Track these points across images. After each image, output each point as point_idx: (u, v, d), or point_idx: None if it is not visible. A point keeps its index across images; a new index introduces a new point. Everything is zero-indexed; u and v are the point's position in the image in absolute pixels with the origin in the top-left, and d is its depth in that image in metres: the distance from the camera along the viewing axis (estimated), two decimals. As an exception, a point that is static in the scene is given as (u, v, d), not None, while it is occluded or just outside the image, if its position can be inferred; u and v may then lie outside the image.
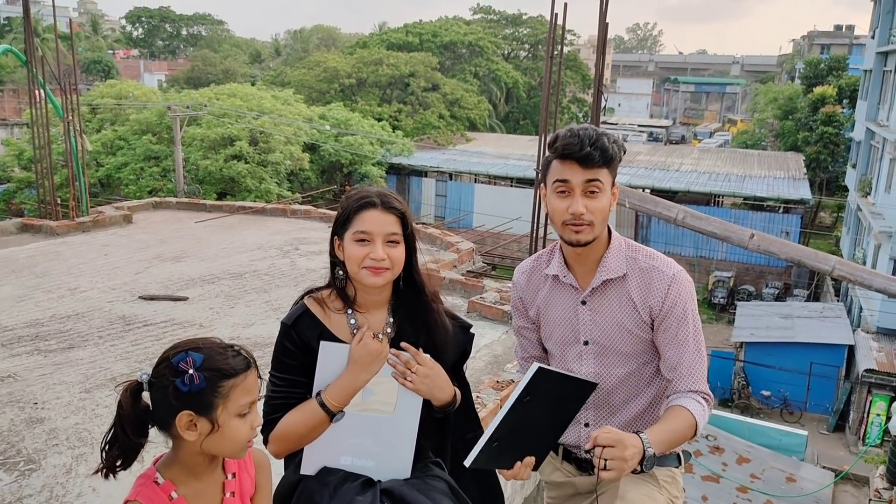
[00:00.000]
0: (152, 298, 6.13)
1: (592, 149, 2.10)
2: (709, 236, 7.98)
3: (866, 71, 25.93)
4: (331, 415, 1.99)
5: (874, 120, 23.11)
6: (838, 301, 21.68)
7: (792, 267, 23.76)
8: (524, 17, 48.77)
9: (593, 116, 8.10)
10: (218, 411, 1.63)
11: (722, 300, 24.32)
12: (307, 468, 2.04)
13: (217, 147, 22.94)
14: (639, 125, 53.93)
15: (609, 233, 2.29)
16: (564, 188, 2.15)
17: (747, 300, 23.37)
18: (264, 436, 2.01)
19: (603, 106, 8.08)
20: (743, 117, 61.19)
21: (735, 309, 21.83)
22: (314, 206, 11.23)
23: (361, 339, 2.01)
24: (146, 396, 1.65)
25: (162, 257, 7.52)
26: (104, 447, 1.67)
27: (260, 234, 8.78)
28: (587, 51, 53.64)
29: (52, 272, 6.86)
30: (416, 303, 2.12)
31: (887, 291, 7.29)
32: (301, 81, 35.97)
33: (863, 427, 15.52)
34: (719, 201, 27.23)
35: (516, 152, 30.71)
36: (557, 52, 8.68)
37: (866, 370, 15.52)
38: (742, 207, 26.40)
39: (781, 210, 26.06)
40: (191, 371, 1.60)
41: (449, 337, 2.13)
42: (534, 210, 8.22)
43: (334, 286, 2.10)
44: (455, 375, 2.16)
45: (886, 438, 13.21)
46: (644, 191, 16.07)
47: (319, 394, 2.00)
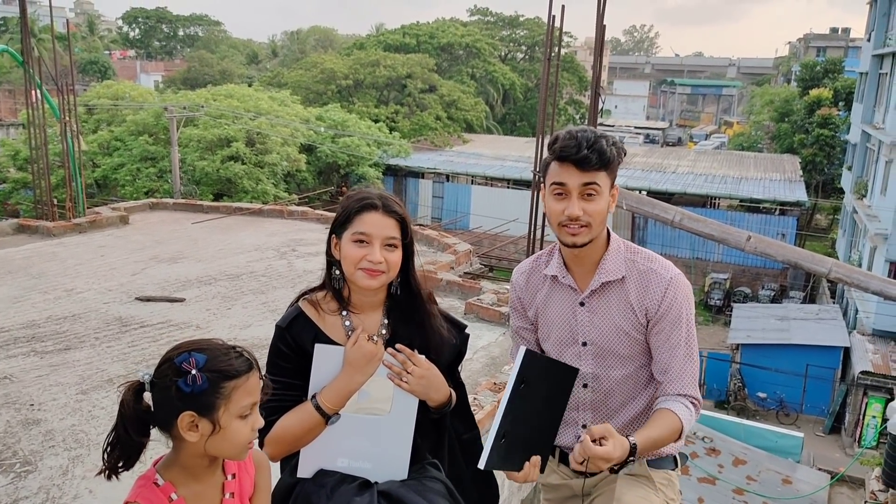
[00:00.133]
0: (149, 300, 6.12)
1: (589, 152, 2.09)
2: (706, 238, 7.99)
3: (862, 73, 25.97)
4: (326, 417, 1.99)
5: (870, 122, 23.15)
6: (834, 303, 21.73)
7: (788, 269, 23.81)
8: (521, 19, 48.80)
9: (590, 118, 8.11)
10: (219, 412, 1.63)
11: (718, 302, 24.39)
12: (304, 471, 2.03)
13: (214, 148, 22.93)
14: (635, 127, 54.04)
15: (608, 234, 2.29)
16: (561, 191, 2.15)
17: (743, 302, 23.42)
18: (260, 439, 2.01)
19: (600, 108, 8.10)
20: (739, 119, 61.38)
21: (731, 311, 21.90)
22: (311, 208, 11.21)
23: (356, 341, 2.01)
24: (147, 397, 1.65)
25: (158, 258, 7.50)
26: (106, 448, 1.67)
27: (257, 236, 8.77)
28: (584, 53, 53.74)
29: (49, 273, 6.84)
30: (411, 305, 2.12)
31: (883, 293, 7.31)
32: (298, 82, 35.95)
33: (859, 429, 15.54)
34: (715, 203, 27.27)
35: (513, 154, 30.74)
36: (555, 54, 8.69)
37: (862, 372, 15.55)
38: (738, 209, 26.47)
39: (777, 212, 26.13)
40: (193, 371, 1.59)
41: (444, 338, 2.13)
42: (531, 212, 8.23)
43: (330, 286, 2.09)
44: (450, 376, 2.16)
45: (882, 440, 13.21)
46: (641, 192, 16.06)
47: (315, 396, 2.00)
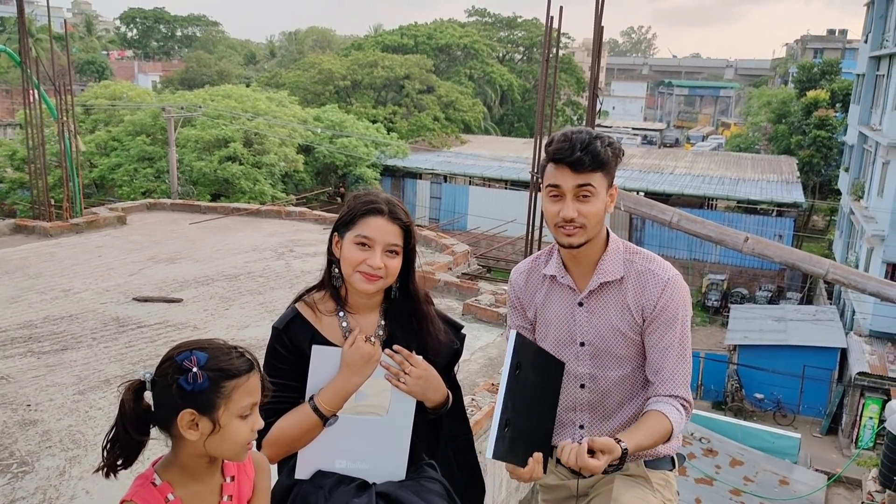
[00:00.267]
0: (146, 300, 6.11)
1: (583, 153, 2.10)
2: (704, 239, 7.99)
3: (859, 75, 26.00)
4: (324, 419, 1.98)
5: (867, 124, 23.20)
6: (831, 304, 21.76)
7: (785, 270, 23.85)
8: (519, 20, 48.81)
9: (588, 119, 8.12)
10: (220, 411, 1.62)
11: (715, 303, 24.44)
12: (301, 472, 2.03)
13: (211, 148, 22.92)
14: (633, 128, 54.16)
15: (608, 235, 2.29)
16: (556, 192, 2.16)
17: (741, 303, 23.47)
18: (258, 441, 2.00)
19: (598, 109, 8.11)
20: (736, 121, 61.46)
21: (728, 312, 21.95)
22: (309, 208, 11.19)
23: (354, 343, 2.00)
24: (148, 396, 1.65)
25: (156, 259, 7.49)
26: (105, 446, 1.67)
27: (254, 236, 8.76)
28: (581, 54, 53.75)
29: (46, 273, 6.83)
30: (409, 307, 2.12)
31: (880, 295, 7.31)
32: (296, 83, 35.93)
33: (855, 430, 15.57)
34: (713, 204, 27.32)
35: (511, 155, 30.75)
36: (553, 55, 8.70)
37: (859, 373, 15.59)
38: (735, 211, 26.54)
39: (774, 213, 26.18)
40: (195, 369, 1.60)
41: (441, 339, 2.13)
42: (529, 213, 8.24)
43: (329, 284, 2.09)
44: (446, 377, 2.15)
45: (879, 441, 13.25)
46: (638, 194, 16.07)
47: (312, 398, 1.99)
